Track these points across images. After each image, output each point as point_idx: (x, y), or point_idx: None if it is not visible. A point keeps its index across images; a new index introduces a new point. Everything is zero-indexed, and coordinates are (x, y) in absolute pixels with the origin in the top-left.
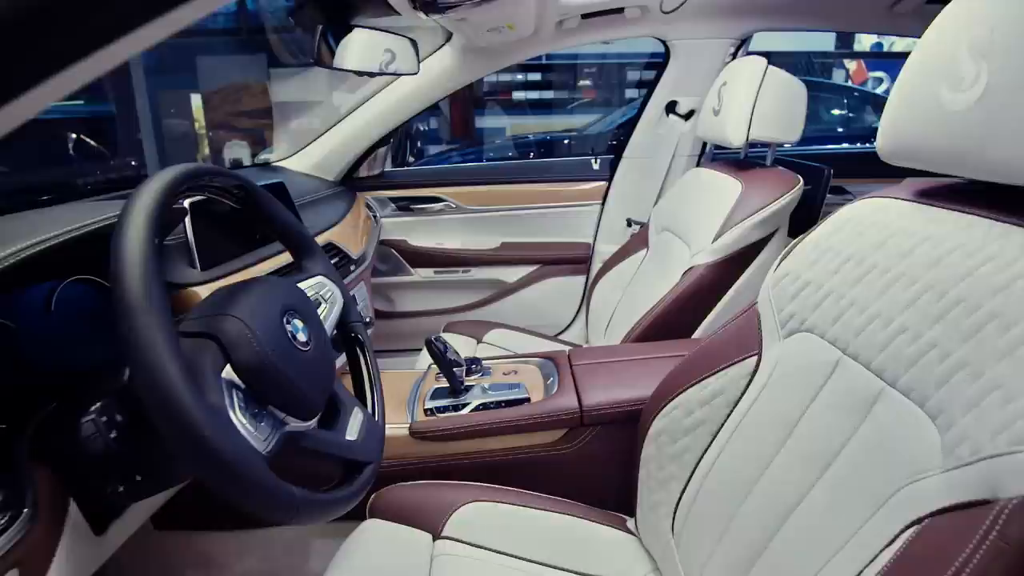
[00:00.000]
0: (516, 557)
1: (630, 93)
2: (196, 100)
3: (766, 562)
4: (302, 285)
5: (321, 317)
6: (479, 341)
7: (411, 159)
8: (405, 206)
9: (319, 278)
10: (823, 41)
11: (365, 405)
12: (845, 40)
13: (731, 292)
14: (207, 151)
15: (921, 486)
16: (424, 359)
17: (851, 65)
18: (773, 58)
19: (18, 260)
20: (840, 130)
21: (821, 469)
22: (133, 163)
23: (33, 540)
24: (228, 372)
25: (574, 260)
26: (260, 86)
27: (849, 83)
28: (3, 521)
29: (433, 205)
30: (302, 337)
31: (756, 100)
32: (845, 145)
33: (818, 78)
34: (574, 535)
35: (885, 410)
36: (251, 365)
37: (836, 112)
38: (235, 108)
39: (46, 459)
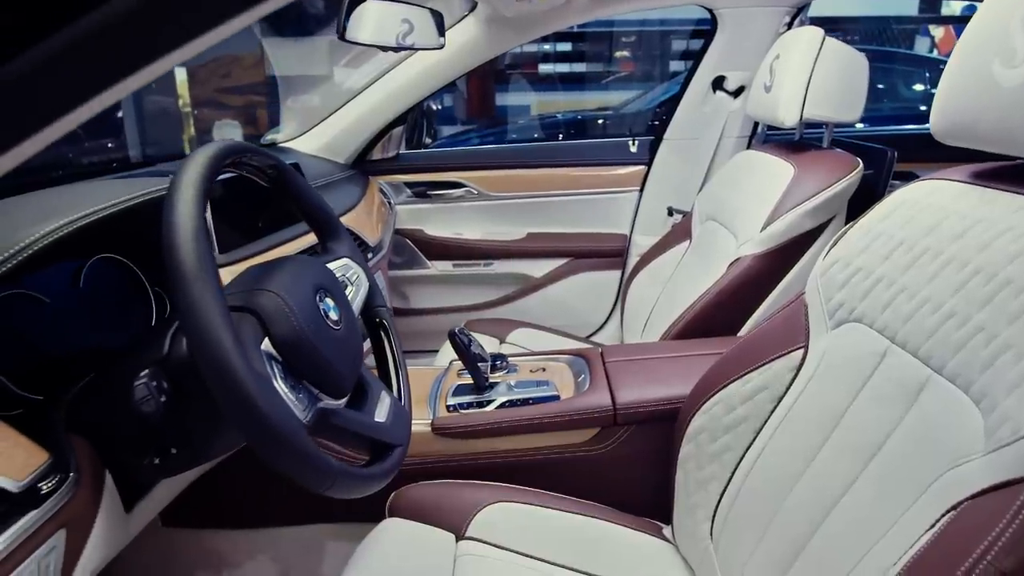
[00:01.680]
0: (544, 561)
1: (675, 66)
2: (181, 74)
3: (808, 557)
4: (330, 266)
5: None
6: (502, 341)
7: (428, 140)
8: (422, 192)
9: (345, 260)
10: (905, 5)
11: (391, 390)
12: (931, 3)
13: (781, 286)
14: (192, 131)
15: (962, 470)
16: (443, 357)
17: (937, 32)
18: (843, 24)
19: (57, 238)
20: (924, 108)
21: (866, 460)
22: (110, 144)
23: (77, 504)
24: (267, 345)
25: (608, 253)
26: (252, 58)
27: (935, 53)
28: (53, 482)
29: (452, 191)
30: (334, 316)
31: (811, 75)
32: (927, 126)
33: (897, 48)
34: (606, 541)
35: (931, 398)
36: (289, 340)
37: (918, 88)
38: (224, 83)
39: (82, 431)
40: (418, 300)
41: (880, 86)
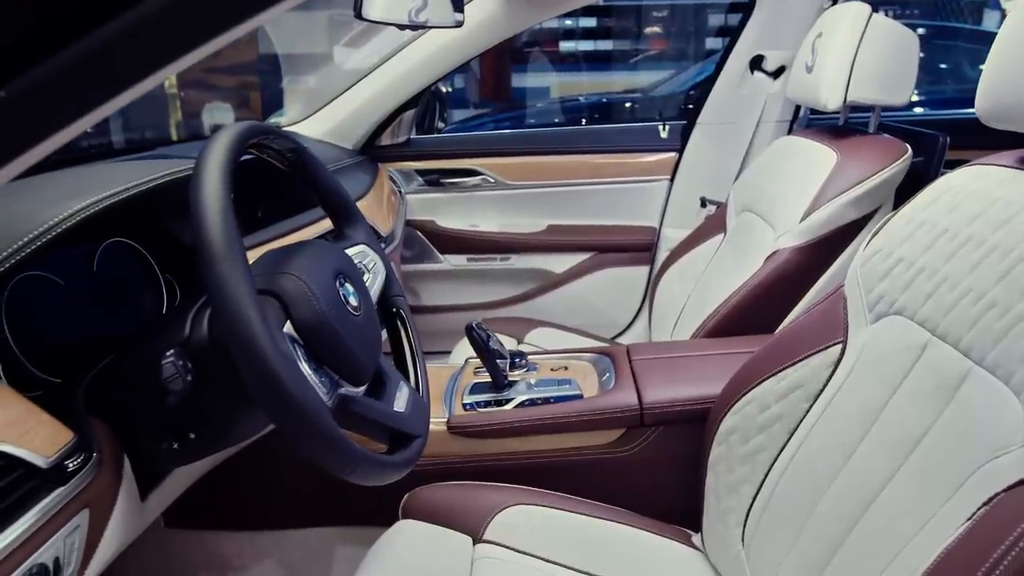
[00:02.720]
0: (567, 567)
1: (710, 44)
2: None
3: (844, 556)
4: (347, 252)
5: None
6: (519, 342)
7: (441, 125)
8: (434, 180)
9: (362, 247)
10: None
11: (408, 381)
12: None
13: (822, 281)
14: (180, 115)
15: (1000, 463)
16: (458, 355)
17: (1009, 5)
18: None
19: (84, 217)
20: None
21: (904, 456)
22: (89, 130)
23: (100, 485)
24: (288, 328)
25: (635, 247)
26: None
27: None
28: (78, 461)
29: (467, 179)
30: (354, 302)
31: (856, 54)
32: None
33: (963, 23)
34: (631, 547)
35: (971, 390)
36: (311, 323)
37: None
38: (214, 63)
39: (101, 414)
40: (429, 297)
41: (942, 66)
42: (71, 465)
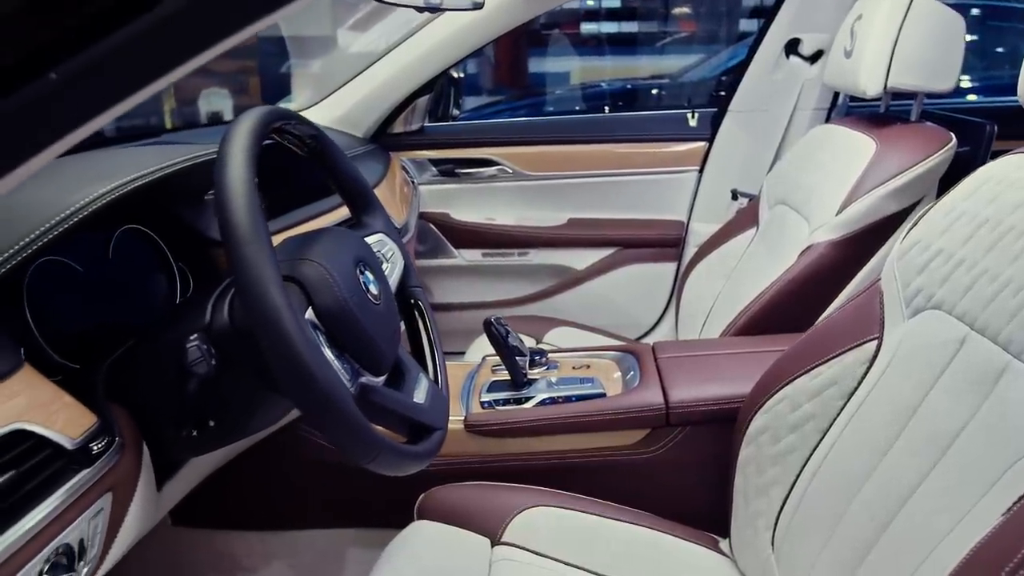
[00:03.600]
0: (587, 571)
1: (744, 25)
2: None
3: (877, 555)
4: (366, 240)
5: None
6: (538, 342)
7: (456, 112)
8: (449, 170)
9: (380, 235)
10: None
11: (427, 373)
12: None
13: (859, 277)
14: (173, 102)
15: None
16: (475, 353)
17: None
18: None
19: (103, 205)
20: None
21: (940, 453)
22: None
23: (122, 469)
24: (310, 315)
25: (662, 242)
26: None
27: None
28: (101, 445)
29: (483, 170)
30: (374, 290)
31: (898, 38)
32: None
33: (1021, 2)
34: (655, 552)
35: (1008, 385)
36: (332, 310)
37: None
38: None
39: (121, 400)
40: (442, 294)
41: (998, 49)
42: (95, 448)
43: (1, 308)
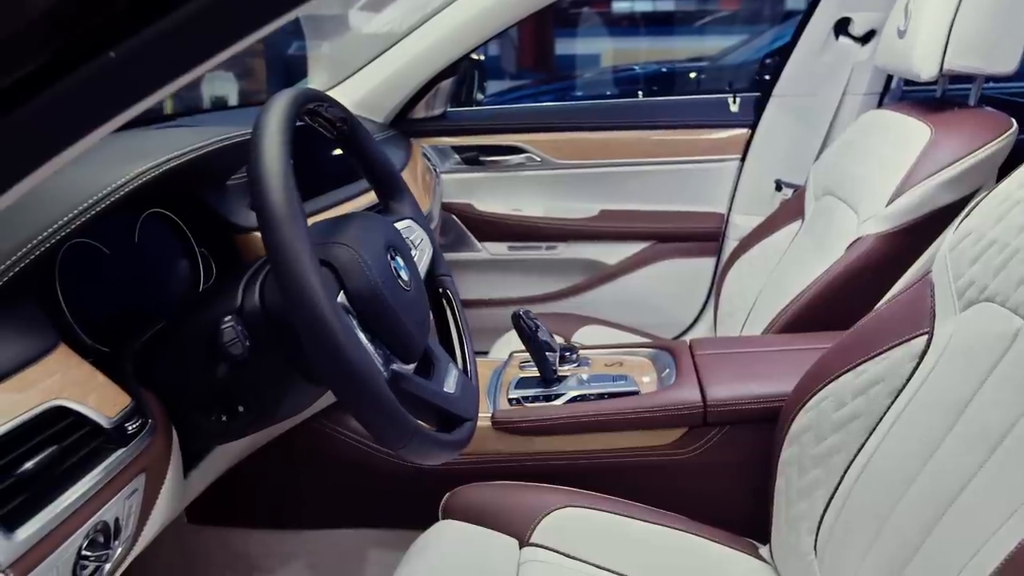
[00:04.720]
0: (619, 575)
1: (790, 3)
2: None
3: (922, 558)
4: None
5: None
6: (567, 340)
7: (480, 96)
8: (472, 158)
9: (409, 222)
10: None
11: (456, 363)
12: None
13: (911, 272)
14: None
15: None
16: (501, 349)
17: None
18: None
19: (144, 181)
20: None
21: (988, 451)
22: None
23: (155, 451)
24: (342, 298)
25: (700, 236)
26: None
27: None
28: (135, 426)
29: (510, 158)
30: (404, 276)
31: (955, 16)
32: None
33: None
34: (691, 557)
35: None
36: (364, 294)
37: None
38: None
39: (150, 384)
40: (465, 289)
41: None
42: (130, 428)
43: (36, 289)
